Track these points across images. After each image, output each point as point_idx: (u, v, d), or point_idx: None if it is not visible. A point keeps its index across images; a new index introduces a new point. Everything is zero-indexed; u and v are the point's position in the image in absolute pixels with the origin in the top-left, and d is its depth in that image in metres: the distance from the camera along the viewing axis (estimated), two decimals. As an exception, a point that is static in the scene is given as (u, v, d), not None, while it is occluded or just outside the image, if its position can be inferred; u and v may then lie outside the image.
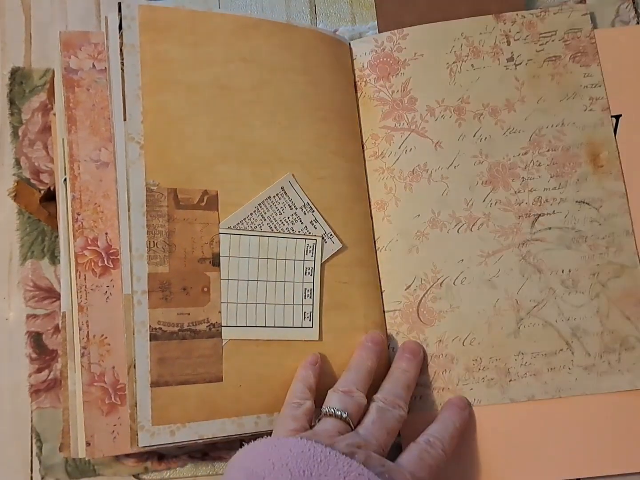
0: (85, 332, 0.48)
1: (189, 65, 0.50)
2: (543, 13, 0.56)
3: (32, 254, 0.55)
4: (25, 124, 0.57)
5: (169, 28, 0.50)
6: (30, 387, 0.52)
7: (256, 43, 0.52)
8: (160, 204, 0.48)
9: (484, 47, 0.56)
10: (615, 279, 0.52)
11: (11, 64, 0.58)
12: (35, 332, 0.53)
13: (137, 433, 0.45)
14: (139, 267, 0.46)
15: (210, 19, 0.51)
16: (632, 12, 0.58)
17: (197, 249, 0.48)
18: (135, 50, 0.49)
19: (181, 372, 0.46)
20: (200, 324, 0.47)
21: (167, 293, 0.47)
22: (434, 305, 0.52)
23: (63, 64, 0.52)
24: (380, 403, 0.46)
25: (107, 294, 0.49)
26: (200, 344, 0.47)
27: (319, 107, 0.53)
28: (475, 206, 0.54)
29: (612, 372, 0.51)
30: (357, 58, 0.57)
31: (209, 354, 0.47)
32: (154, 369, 0.46)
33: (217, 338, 0.48)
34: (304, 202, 0.51)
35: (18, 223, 0.55)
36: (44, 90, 0.57)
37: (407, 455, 0.44)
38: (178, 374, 0.46)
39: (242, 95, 0.51)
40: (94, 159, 0.51)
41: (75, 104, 0.51)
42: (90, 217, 0.50)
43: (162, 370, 0.46)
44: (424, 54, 0.56)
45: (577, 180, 0.54)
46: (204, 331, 0.47)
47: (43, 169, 0.56)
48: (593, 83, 0.55)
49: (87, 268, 0.49)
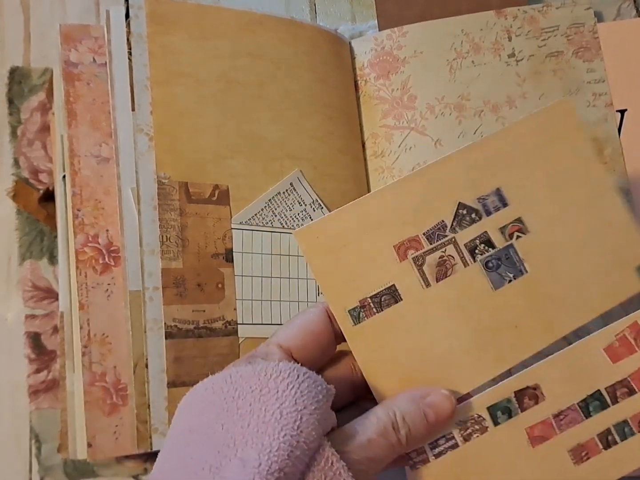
0: (86, 330, 0.48)
1: (196, 58, 0.50)
2: (545, 8, 0.56)
3: (30, 254, 0.54)
4: (24, 123, 0.57)
5: (176, 21, 0.50)
6: (29, 387, 0.52)
7: (262, 38, 0.52)
8: (172, 198, 0.47)
9: (484, 43, 0.56)
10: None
11: (10, 63, 0.58)
12: (34, 333, 0.53)
13: (150, 435, 0.44)
14: (150, 262, 0.46)
15: (217, 13, 0.51)
16: (633, 11, 0.58)
17: (210, 244, 0.48)
18: (143, 40, 0.49)
19: (198, 372, 0.45)
20: (216, 322, 0.47)
21: (181, 289, 0.46)
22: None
23: (63, 58, 0.51)
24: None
25: (109, 292, 0.49)
26: (217, 342, 0.47)
27: (325, 104, 0.53)
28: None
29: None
30: (357, 57, 0.57)
31: (226, 353, 0.47)
32: (171, 369, 0.45)
33: (233, 336, 0.47)
34: (313, 199, 0.51)
35: (17, 223, 0.55)
36: (43, 90, 0.57)
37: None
38: (195, 373, 0.45)
39: (250, 90, 0.51)
40: (94, 155, 0.51)
41: (75, 98, 0.51)
42: (90, 214, 0.50)
43: (179, 370, 0.45)
44: (424, 52, 0.56)
45: (580, 177, 0.53)
46: (220, 329, 0.47)
47: (42, 168, 0.56)
48: (596, 79, 0.55)
49: (88, 265, 0.49)
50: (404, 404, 0.36)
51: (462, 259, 0.38)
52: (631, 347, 0.38)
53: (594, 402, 0.37)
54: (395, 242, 0.38)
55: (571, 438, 0.37)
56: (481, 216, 0.38)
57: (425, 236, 0.38)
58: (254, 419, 0.31)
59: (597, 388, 0.37)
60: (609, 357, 0.38)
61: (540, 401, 0.37)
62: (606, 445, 0.37)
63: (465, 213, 0.38)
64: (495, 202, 0.38)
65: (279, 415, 0.31)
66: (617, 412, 0.37)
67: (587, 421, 0.37)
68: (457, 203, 0.38)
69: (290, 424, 0.30)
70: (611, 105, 0.54)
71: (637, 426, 0.37)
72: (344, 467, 0.31)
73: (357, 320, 0.37)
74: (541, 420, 0.37)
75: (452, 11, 0.56)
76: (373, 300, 0.37)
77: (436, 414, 0.36)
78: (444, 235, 0.38)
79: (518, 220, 0.38)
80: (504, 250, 0.38)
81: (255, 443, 0.30)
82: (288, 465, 0.29)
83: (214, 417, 0.32)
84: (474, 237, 0.38)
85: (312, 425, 0.31)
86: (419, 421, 0.35)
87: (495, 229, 0.38)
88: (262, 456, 0.29)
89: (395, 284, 0.38)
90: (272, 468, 0.29)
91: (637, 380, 0.37)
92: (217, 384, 0.33)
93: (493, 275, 0.38)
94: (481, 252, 0.38)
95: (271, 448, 0.29)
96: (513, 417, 0.37)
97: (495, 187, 0.38)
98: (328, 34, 0.56)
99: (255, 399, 0.32)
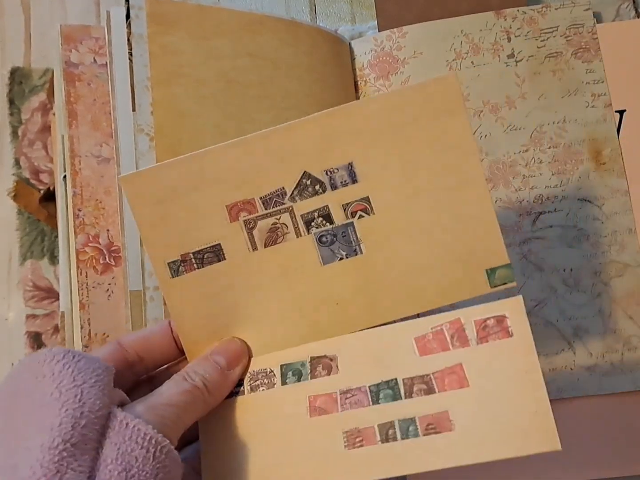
0: (87, 330, 0.48)
1: (197, 58, 0.50)
2: (544, 9, 0.56)
3: (31, 254, 0.54)
4: (24, 123, 0.57)
5: (177, 21, 0.50)
6: (29, 387, 0.52)
7: (262, 39, 0.52)
8: (172, 198, 0.47)
9: (484, 44, 0.56)
10: (618, 278, 0.52)
11: (11, 63, 0.58)
12: (34, 333, 0.53)
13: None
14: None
15: (217, 14, 0.51)
16: (633, 12, 0.58)
17: None
18: (143, 40, 0.49)
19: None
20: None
21: None
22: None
23: (63, 58, 0.52)
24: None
25: (109, 291, 0.49)
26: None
27: (326, 105, 0.53)
28: (476, 204, 0.53)
29: (614, 373, 0.50)
30: (357, 57, 0.57)
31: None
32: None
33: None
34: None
35: (18, 223, 0.55)
36: (44, 90, 0.57)
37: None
38: None
39: (250, 90, 0.51)
40: (95, 155, 0.51)
41: (76, 99, 0.51)
42: (91, 214, 0.50)
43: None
44: (424, 52, 0.56)
45: (579, 177, 0.53)
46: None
47: (43, 168, 0.56)
48: (595, 79, 0.55)
49: (89, 265, 0.49)
50: (194, 363, 0.36)
51: (295, 229, 0.37)
52: (445, 344, 0.35)
53: (386, 390, 0.35)
54: (229, 202, 0.36)
55: (351, 420, 0.35)
56: (325, 189, 0.36)
57: (262, 201, 0.36)
58: (36, 407, 0.30)
59: (395, 377, 0.35)
60: (417, 348, 0.35)
61: (332, 373, 0.36)
62: (384, 438, 0.34)
63: (308, 183, 0.36)
64: (343, 177, 0.36)
65: (58, 394, 0.30)
66: (407, 408, 0.34)
67: (373, 407, 0.34)
68: (302, 172, 0.36)
69: (70, 399, 0.30)
70: (610, 106, 0.54)
71: (424, 429, 0.33)
72: (140, 422, 0.31)
73: (175, 274, 0.36)
74: (327, 392, 0.35)
75: (452, 12, 0.56)
76: (195, 256, 0.37)
77: (226, 358, 0.36)
78: (281, 203, 0.36)
79: (365, 200, 0.37)
80: (342, 228, 0.37)
81: (38, 428, 0.29)
82: (74, 436, 0.29)
83: (4, 423, 0.31)
84: (313, 209, 0.37)
85: (94, 396, 0.30)
86: (212, 369, 0.36)
87: (338, 205, 0.37)
88: (44, 436, 0.28)
89: (221, 244, 0.37)
90: (54, 442, 0.28)
91: (440, 381, 0.34)
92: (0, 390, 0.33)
93: (324, 251, 0.37)
94: (317, 225, 0.37)
95: (52, 426, 0.29)
96: (301, 381, 0.36)
97: (347, 162, 0.36)
98: (328, 34, 0.56)
99: (32, 388, 0.31)
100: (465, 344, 0.35)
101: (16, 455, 0.29)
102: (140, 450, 0.30)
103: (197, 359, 0.37)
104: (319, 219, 0.37)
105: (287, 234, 0.37)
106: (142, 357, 0.38)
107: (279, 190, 0.36)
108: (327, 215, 0.37)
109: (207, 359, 0.36)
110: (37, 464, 0.28)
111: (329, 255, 0.37)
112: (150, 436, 0.30)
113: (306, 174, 0.36)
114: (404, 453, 0.33)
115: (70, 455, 0.28)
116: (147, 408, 0.32)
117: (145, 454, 0.30)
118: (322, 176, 0.36)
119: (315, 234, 0.37)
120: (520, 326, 0.34)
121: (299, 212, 0.37)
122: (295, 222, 0.37)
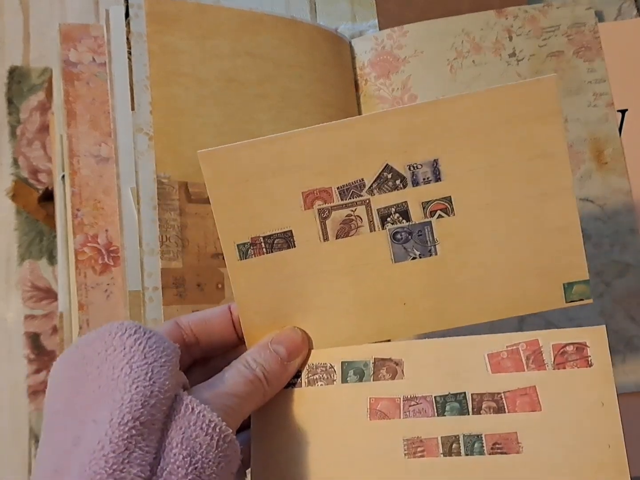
0: (86, 331, 0.48)
1: (196, 58, 0.50)
2: (546, 7, 0.56)
3: (30, 254, 0.54)
4: (23, 123, 0.57)
5: (176, 20, 0.50)
6: (28, 388, 0.52)
7: (262, 38, 0.52)
8: (172, 198, 0.47)
9: (485, 43, 0.56)
10: (620, 278, 0.52)
11: (9, 62, 0.58)
12: (33, 333, 0.53)
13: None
14: (149, 262, 0.46)
15: (216, 13, 0.51)
16: (634, 11, 0.58)
17: (210, 244, 0.48)
18: (143, 39, 0.49)
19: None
20: (215, 322, 0.46)
21: (181, 289, 0.46)
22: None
23: (62, 57, 0.51)
24: None
25: (108, 292, 0.49)
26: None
27: (325, 104, 0.53)
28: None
29: (616, 374, 0.50)
30: (357, 56, 0.57)
31: (226, 354, 0.46)
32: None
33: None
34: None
35: (16, 223, 0.55)
36: (43, 90, 0.57)
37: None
38: None
39: (250, 90, 0.51)
40: (93, 154, 0.51)
41: (74, 98, 0.51)
42: (90, 214, 0.50)
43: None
44: (425, 51, 0.56)
45: (581, 177, 0.53)
46: (220, 329, 0.47)
47: (41, 168, 0.56)
48: (597, 78, 0.55)
49: (87, 265, 0.49)
50: (254, 350, 0.36)
51: (370, 223, 0.35)
52: (519, 364, 0.34)
53: (453, 403, 0.34)
54: (305, 189, 0.35)
55: (413, 428, 0.34)
56: (406, 184, 0.35)
57: (339, 191, 0.35)
58: (104, 379, 0.30)
59: (464, 390, 0.34)
60: (490, 365, 0.34)
61: (396, 378, 0.35)
62: (447, 452, 0.33)
63: (389, 177, 0.35)
64: (427, 174, 0.35)
65: (129, 370, 0.30)
66: (474, 423, 0.33)
67: (438, 419, 0.34)
68: (384, 165, 0.35)
69: (141, 376, 0.29)
70: (612, 105, 0.54)
71: (490, 448, 0.32)
72: (206, 409, 0.30)
73: (243, 256, 0.35)
74: (389, 397, 0.34)
75: (453, 11, 0.56)
76: (265, 241, 0.36)
77: (286, 347, 0.36)
78: (358, 195, 0.35)
79: (447, 199, 0.35)
80: (419, 227, 0.35)
81: (106, 401, 0.29)
82: (143, 415, 0.28)
83: (71, 391, 0.31)
84: (391, 204, 0.35)
85: (164, 376, 0.30)
86: (271, 359, 0.35)
87: (417, 202, 0.35)
88: (113, 411, 0.28)
89: (292, 230, 0.35)
90: (124, 419, 0.28)
91: (511, 401, 0.33)
92: (68, 357, 0.33)
93: (397, 248, 0.36)
94: (393, 221, 0.35)
95: (123, 402, 0.28)
96: (363, 381, 0.35)
97: (432, 159, 0.34)
98: (328, 33, 0.55)
99: (102, 360, 0.31)
100: (541, 367, 0.34)
101: (82, 426, 0.29)
102: (205, 437, 0.30)
103: (257, 346, 0.36)
104: (396, 214, 0.35)
105: (360, 227, 0.35)
106: (199, 339, 0.37)
107: (357, 182, 0.35)
108: (405, 212, 0.35)
109: (267, 347, 0.36)
110: (106, 438, 0.27)
111: (402, 253, 0.36)
112: (215, 424, 0.30)
113: (388, 167, 0.35)
114: (467, 469, 0.33)
115: (139, 433, 0.28)
116: (212, 395, 0.32)
117: (210, 441, 0.30)
118: (404, 171, 0.35)
119: (390, 230, 0.35)
120: (601, 357, 0.33)
121: (376, 205, 0.35)
122: (370, 215, 0.35)
